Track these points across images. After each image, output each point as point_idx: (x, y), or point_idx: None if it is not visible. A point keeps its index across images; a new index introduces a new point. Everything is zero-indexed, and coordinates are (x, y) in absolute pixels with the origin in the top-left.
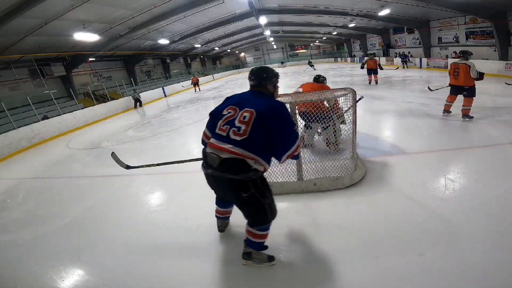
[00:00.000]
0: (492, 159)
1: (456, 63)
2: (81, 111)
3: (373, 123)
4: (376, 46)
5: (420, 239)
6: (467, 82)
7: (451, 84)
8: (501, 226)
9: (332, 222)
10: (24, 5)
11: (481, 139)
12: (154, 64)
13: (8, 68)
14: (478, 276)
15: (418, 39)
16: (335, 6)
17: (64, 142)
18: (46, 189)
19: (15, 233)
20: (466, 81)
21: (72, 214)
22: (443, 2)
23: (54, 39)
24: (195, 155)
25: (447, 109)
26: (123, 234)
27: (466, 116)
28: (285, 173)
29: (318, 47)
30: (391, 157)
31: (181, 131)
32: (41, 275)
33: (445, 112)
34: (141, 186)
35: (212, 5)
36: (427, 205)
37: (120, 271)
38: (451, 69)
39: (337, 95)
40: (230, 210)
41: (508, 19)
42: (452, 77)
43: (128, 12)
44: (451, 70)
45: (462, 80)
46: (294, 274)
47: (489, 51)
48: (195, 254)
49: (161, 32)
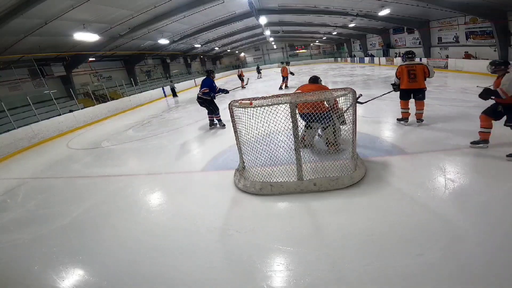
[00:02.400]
0: (492, 159)
1: (409, 65)
2: (81, 111)
3: (373, 123)
4: (376, 46)
5: (420, 239)
6: (423, 84)
7: (406, 88)
8: (501, 226)
9: (332, 222)
10: (24, 5)
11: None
12: (154, 64)
13: (8, 68)
14: (478, 276)
15: (418, 39)
16: (335, 6)
17: (64, 142)
18: (46, 189)
19: (15, 233)
20: (423, 83)
21: (72, 214)
22: (443, 2)
23: (54, 39)
24: (196, 155)
25: (406, 116)
26: (123, 234)
27: (421, 120)
28: (285, 173)
29: (318, 47)
30: (391, 157)
31: (181, 131)
32: (41, 275)
33: (403, 121)
34: (141, 186)
35: (212, 5)
36: (427, 205)
37: (120, 271)
38: (404, 72)
39: (337, 95)
40: None
41: (508, 19)
42: (407, 80)
43: (128, 12)
44: (405, 74)
45: (420, 83)
46: (294, 274)
47: (489, 51)
48: (195, 254)
49: (161, 32)
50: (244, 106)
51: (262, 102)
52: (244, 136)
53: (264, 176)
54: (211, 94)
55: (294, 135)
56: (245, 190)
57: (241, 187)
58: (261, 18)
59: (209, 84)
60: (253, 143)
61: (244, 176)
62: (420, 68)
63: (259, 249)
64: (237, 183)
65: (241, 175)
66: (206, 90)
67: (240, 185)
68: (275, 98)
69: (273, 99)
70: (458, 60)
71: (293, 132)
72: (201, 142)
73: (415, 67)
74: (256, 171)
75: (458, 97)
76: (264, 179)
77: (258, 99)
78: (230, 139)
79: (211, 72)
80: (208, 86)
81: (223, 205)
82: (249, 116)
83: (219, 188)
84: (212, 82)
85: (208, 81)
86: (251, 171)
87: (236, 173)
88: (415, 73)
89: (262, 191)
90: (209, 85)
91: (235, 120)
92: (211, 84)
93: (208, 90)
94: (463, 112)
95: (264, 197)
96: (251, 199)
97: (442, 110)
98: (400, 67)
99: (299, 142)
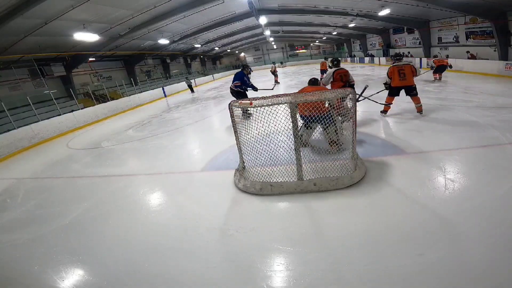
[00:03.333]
0: (492, 159)
1: (397, 65)
2: (81, 111)
3: (373, 123)
4: (376, 46)
5: (420, 239)
6: (413, 81)
7: (397, 85)
8: (501, 226)
9: (332, 222)
10: (24, 5)
11: (481, 139)
12: (154, 64)
13: (8, 68)
14: (478, 276)
15: (418, 39)
16: (335, 6)
17: (64, 142)
18: (46, 189)
19: (15, 233)
20: (412, 80)
21: (72, 214)
22: (443, 2)
23: (54, 39)
24: (196, 155)
25: (387, 109)
26: (123, 234)
27: (421, 112)
28: (285, 173)
29: (318, 47)
30: (391, 157)
31: (181, 131)
32: (41, 275)
33: (384, 113)
34: (141, 186)
35: (212, 5)
36: (427, 205)
37: (120, 271)
38: (395, 72)
39: (337, 95)
40: None
41: (508, 19)
42: (398, 79)
43: (128, 12)
44: (396, 73)
45: (410, 80)
46: (294, 274)
47: (489, 51)
48: (195, 254)
49: (161, 32)
50: (244, 106)
51: (262, 102)
52: (244, 136)
53: (264, 176)
54: (242, 87)
55: (294, 135)
56: (245, 190)
57: (241, 187)
58: (261, 18)
59: (240, 77)
60: (253, 143)
61: (244, 176)
62: (408, 68)
63: (259, 249)
64: (237, 183)
65: (241, 175)
66: (238, 83)
67: (240, 185)
68: (275, 98)
69: (273, 99)
70: (458, 60)
71: (293, 132)
72: (201, 142)
73: (403, 67)
74: (256, 171)
75: (458, 97)
76: (264, 179)
77: (258, 99)
78: (230, 139)
79: (245, 66)
80: (240, 79)
81: (223, 205)
82: None
83: (219, 188)
84: (243, 76)
85: (240, 75)
86: (251, 171)
87: (236, 173)
88: (404, 72)
89: (262, 191)
90: (240, 78)
91: (235, 120)
92: (242, 77)
93: (240, 83)
94: (463, 112)
95: (264, 197)
96: (251, 199)
97: (442, 110)
98: (392, 68)
99: (299, 142)
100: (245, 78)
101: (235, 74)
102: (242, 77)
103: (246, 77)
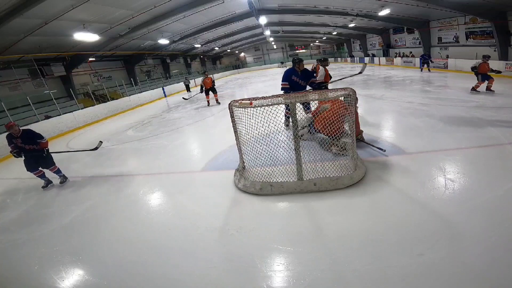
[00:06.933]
0: (492, 159)
1: (487, 63)
2: (81, 111)
3: (373, 123)
4: (376, 46)
5: (420, 239)
6: None
7: (485, 72)
8: (501, 226)
9: (332, 222)
10: (24, 5)
11: (481, 139)
12: (154, 64)
13: (8, 68)
14: (478, 276)
15: (418, 39)
16: (335, 6)
17: (64, 142)
18: (46, 189)
19: (15, 233)
20: None
21: (72, 214)
22: (443, 2)
23: (54, 39)
24: (196, 155)
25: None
26: (123, 234)
27: None
28: (285, 173)
29: (318, 47)
30: (391, 157)
31: (181, 131)
32: (41, 275)
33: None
34: (141, 186)
35: (212, 5)
36: (427, 205)
37: (120, 271)
38: (485, 66)
39: (337, 95)
40: None
41: (508, 19)
42: (488, 70)
43: (128, 12)
44: (486, 67)
45: None
46: (294, 274)
47: (489, 51)
48: (195, 254)
49: (161, 32)
50: (244, 106)
51: (262, 102)
52: (244, 136)
53: (264, 176)
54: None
55: (294, 135)
56: (245, 190)
57: (241, 187)
58: (261, 18)
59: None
60: (253, 143)
61: (244, 176)
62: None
63: (259, 249)
64: (237, 183)
65: (241, 175)
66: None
67: (240, 185)
68: (275, 98)
69: (273, 99)
70: (458, 60)
71: (293, 132)
72: (201, 142)
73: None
74: (256, 171)
75: (458, 97)
76: (264, 179)
77: (258, 99)
78: (230, 139)
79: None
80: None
81: (223, 205)
82: (249, 116)
83: (219, 188)
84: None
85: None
86: (251, 171)
87: (236, 173)
88: None
89: (262, 191)
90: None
91: (235, 120)
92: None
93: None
94: (463, 112)
95: (264, 197)
96: (251, 199)
97: (442, 110)
98: (483, 64)
99: (299, 142)
100: None
101: (306, 72)
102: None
103: None
